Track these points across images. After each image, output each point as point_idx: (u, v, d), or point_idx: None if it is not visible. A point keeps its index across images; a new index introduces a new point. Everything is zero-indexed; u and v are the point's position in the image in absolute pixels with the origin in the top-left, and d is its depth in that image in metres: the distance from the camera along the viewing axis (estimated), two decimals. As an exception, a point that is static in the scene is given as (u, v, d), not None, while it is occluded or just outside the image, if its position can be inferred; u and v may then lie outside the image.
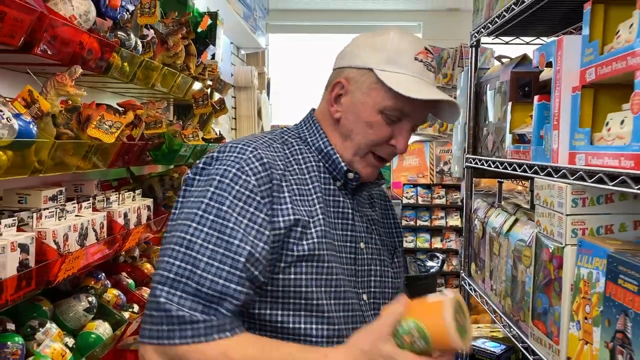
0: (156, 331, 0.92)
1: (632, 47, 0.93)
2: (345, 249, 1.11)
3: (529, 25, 1.84)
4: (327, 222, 1.07)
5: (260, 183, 1.00)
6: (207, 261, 0.94)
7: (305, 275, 1.01)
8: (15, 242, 1.21)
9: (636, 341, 0.86)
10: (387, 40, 1.10)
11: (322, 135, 1.14)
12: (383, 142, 1.11)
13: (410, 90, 1.06)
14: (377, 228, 1.22)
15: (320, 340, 1.02)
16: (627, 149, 0.93)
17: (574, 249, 1.14)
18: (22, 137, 1.20)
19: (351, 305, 1.08)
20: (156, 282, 0.95)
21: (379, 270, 1.17)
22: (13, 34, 1.17)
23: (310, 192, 1.08)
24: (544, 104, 1.34)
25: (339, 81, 1.12)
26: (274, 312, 1.01)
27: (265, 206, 1.00)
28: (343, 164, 1.12)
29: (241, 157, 1.02)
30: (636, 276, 0.87)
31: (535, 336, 1.31)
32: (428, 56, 1.12)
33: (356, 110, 1.10)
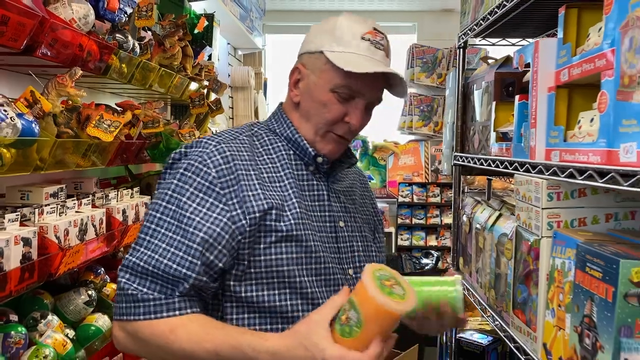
0: (118, 308, 1.04)
1: (599, 49, 0.99)
2: (325, 229, 1.17)
3: (514, 28, 1.91)
4: (303, 205, 1.13)
5: (220, 175, 1.06)
6: (164, 247, 1.03)
7: (285, 255, 1.07)
8: (19, 235, 1.27)
9: (600, 324, 0.92)
10: (336, 23, 1.17)
11: (289, 124, 1.20)
12: (338, 120, 1.16)
13: (353, 66, 1.10)
14: (356, 207, 1.28)
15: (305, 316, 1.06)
16: (594, 146, 0.99)
17: (549, 240, 1.20)
18: (25, 136, 1.26)
19: (336, 280, 1.14)
20: (122, 266, 1.05)
21: (362, 246, 1.23)
22: (16, 38, 1.23)
23: (282, 179, 1.14)
24: (524, 103, 1.40)
25: (296, 67, 1.20)
26: (260, 292, 1.07)
27: (226, 196, 1.05)
28: (311, 150, 1.17)
29: (204, 151, 1.09)
30: (600, 264, 0.93)
31: (515, 325, 1.37)
32: (376, 35, 1.17)
33: (311, 91, 1.16)
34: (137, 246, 1.06)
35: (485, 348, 1.93)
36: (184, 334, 1.00)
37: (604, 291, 0.92)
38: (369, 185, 1.43)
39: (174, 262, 1.02)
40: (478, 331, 2.07)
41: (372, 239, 1.29)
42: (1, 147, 1.17)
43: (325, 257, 1.13)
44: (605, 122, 0.95)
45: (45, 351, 1.40)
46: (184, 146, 1.13)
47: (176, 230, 1.04)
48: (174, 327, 1.01)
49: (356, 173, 1.39)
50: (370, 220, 1.33)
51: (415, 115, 5.31)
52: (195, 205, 1.04)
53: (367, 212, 1.33)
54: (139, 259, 1.03)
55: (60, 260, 1.42)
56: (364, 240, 1.25)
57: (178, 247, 1.03)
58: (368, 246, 1.25)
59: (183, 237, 1.03)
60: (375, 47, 1.16)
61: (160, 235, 1.04)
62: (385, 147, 5.42)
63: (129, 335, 1.04)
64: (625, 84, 0.89)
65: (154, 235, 1.05)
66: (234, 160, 1.09)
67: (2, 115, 1.16)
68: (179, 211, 1.05)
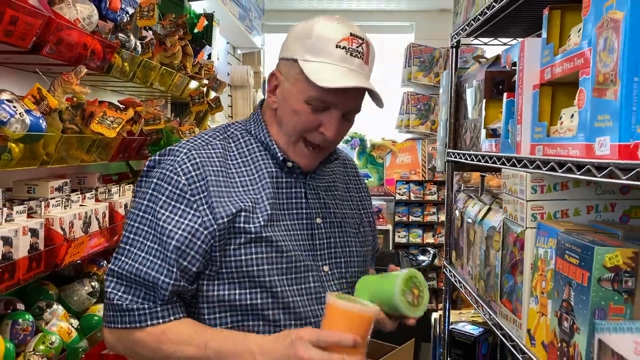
0: (106, 316, 1.10)
1: (578, 49, 1.05)
2: (301, 226, 1.18)
3: (505, 28, 1.96)
4: (275, 205, 1.15)
5: (190, 182, 1.09)
6: (143, 255, 1.08)
7: (255, 256, 1.10)
8: (27, 226, 1.33)
9: (577, 307, 0.98)
10: (310, 29, 1.12)
11: (263, 127, 1.21)
12: (312, 129, 1.15)
13: (325, 80, 1.08)
14: (338, 202, 1.28)
15: (277, 313, 1.12)
16: (574, 140, 1.05)
17: (533, 231, 1.26)
18: (33, 131, 1.31)
19: (308, 277, 1.16)
20: (107, 274, 1.11)
21: (340, 242, 1.24)
22: (24, 37, 1.28)
23: (256, 180, 1.15)
24: (511, 101, 1.45)
25: (274, 72, 1.18)
26: (232, 292, 1.11)
27: (196, 202, 1.09)
28: (280, 154, 1.18)
29: (174, 159, 1.12)
30: (578, 251, 0.99)
31: (502, 313, 1.43)
32: (352, 42, 1.12)
33: (286, 99, 1.15)
34: (119, 255, 1.11)
35: (477, 338, 1.98)
36: (174, 335, 1.06)
37: (580, 276, 0.97)
38: (358, 175, 1.42)
39: (152, 270, 1.07)
40: (470, 323, 2.12)
41: (355, 233, 1.29)
42: (10, 142, 1.23)
43: (296, 256, 1.14)
44: (583, 118, 1.00)
45: (51, 338, 1.45)
46: (158, 154, 1.17)
47: (153, 239, 1.08)
48: (164, 330, 1.07)
49: (343, 165, 1.39)
50: (356, 214, 1.33)
51: (412, 114, 5.37)
52: (168, 213, 1.08)
53: (351, 206, 1.33)
54: (120, 267, 1.09)
55: (66, 251, 1.47)
56: (344, 236, 1.25)
57: (155, 255, 1.08)
58: (348, 241, 1.26)
59: (159, 246, 1.08)
60: (351, 56, 1.11)
61: (139, 244, 1.09)
62: (383, 146, 5.48)
63: (119, 341, 1.10)
64: (600, 81, 0.95)
65: (133, 244, 1.10)
66: (204, 166, 1.11)
67: (12, 111, 1.21)
68: (154, 220, 1.09)
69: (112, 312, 1.08)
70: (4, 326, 1.42)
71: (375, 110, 1.29)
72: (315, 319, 1.15)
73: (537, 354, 1.19)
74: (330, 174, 1.32)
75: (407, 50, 5.36)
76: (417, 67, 5.30)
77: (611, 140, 0.90)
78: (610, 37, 0.92)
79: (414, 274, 1.20)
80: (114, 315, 1.08)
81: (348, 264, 1.25)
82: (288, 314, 1.12)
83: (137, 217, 1.11)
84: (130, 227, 1.11)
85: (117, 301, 1.07)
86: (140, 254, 1.09)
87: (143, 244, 1.09)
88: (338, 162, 1.37)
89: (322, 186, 1.26)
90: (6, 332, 1.41)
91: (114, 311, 1.08)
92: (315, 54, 1.11)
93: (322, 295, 1.17)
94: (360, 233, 1.32)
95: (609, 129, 0.91)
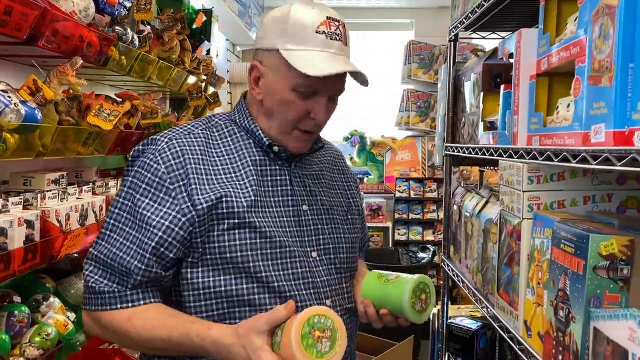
0: (85, 298, 1.13)
1: (574, 37, 1.04)
2: (287, 213, 1.18)
3: (503, 21, 1.95)
4: (260, 192, 1.15)
5: (170, 170, 1.11)
6: (121, 241, 1.10)
7: (238, 242, 1.10)
8: (22, 217, 1.33)
9: (572, 296, 0.97)
10: (287, 17, 1.12)
11: (247, 114, 1.22)
12: (304, 117, 1.16)
13: (311, 67, 1.08)
14: (325, 190, 1.29)
15: (263, 298, 1.11)
16: (569, 129, 1.04)
17: (529, 222, 1.25)
18: (28, 122, 1.31)
19: (295, 263, 1.16)
20: (86, 257, 1.13)
21: (329, 228, 1.24)
22: (19, 28, 1.28)
23: (239, 167, 1.16)
24: (508, 93, 1.45)
25: (254, 64, 1.17)
26: (216, 278, 1.11)
27: (175, 190, 1.10)
28: (265, 139, 1.19)
29: (156, 148, 1.14)
30: (573, 240, 0.99)
31: (499, 305, 1.43)
32: (331, 25, 1.13)
33: (272, 90, 1.15)
34: (99, 240, 1.13)
35: (475, 332, 1.98)
36: (139, 322, 1.07)
37: (575, 265, 0.97)
38: (345, 164, 1.43)
39: (127, 255, 1.08)
40: (468, 317, 2.12)
41: (342, 220, 1.29)
42: (5, 132, 1.22)
43: (282, 242, 1.14)
44: (579, 107, 1.00)
45: (47, 330, 1.45)
46: (141, 143, 1.18)
47: (131, 225, 1.10)
48: (131, 315, 1.08)
49: (330, 155, 1.39)
50: (343, 202, 1.34)
51: (412, 111, 5.36)
52: (148, 200, 1.10)
53: (338, 195, 1.33)
54: (99, 252, 1.11)
55: (62, 243, 1.47)
56: (331, 223, 1.26)
57: (132, 241, 1.09)
58: (336, 228, 1.26)
59: (136, 232, 1.09)
60: (331, 39, 1.12)
61: (118, 230, 1.11)
62: (383, 143, 5.47)
63: (94, 322, 1.13)
64: (595, 69, 0.94)
65: (113, 229, 1.12)
66: (184, 155, 1.12)
67: (6, 101, 1.21)
68: (134, 207, 1.11)
69: (87, 295, 1.11)
70: (0, 318, 1.42)
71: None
72: (302, 303, 1.14)
73: (533, 344, 1.19)
74: (317, 162, 1.32)
75: (406, 47, 5.35)
76: (417, 64, 5.29)
77: (606, 127, 0.89)
78: (605, 24, 0.92)
79: (423, 279, 1.21)
80: (89, 298, 1.11)
81: (337, 250, 1.25)
82: (275, 297, 1.12)
83: (118, 204, 1.14)
84: (111, 213, 1.14)
85: (92, 284, 1.09)
86: (118, 239, 1.11)
87: (122, 229, 1.11)
88: (324, 151, 1.38)
89: (307, 174, 1.27)
90: (2, 324, 1.41)
91: (89, 293, 1.10)
92: (296, 42, 1.11)
93: (310, 280, 1.17)
94: (348, 220, 1.32)
95: (604, 116, 0.90)
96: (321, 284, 1.19)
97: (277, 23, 1.14)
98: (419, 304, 1.20)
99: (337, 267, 1.24)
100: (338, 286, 1.24)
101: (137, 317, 1.08)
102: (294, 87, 1.13)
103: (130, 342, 1.11)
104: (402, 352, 2.93)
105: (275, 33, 1.14)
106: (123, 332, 1.08)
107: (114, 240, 1.11)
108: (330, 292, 1.21)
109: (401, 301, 1.17)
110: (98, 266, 1.11)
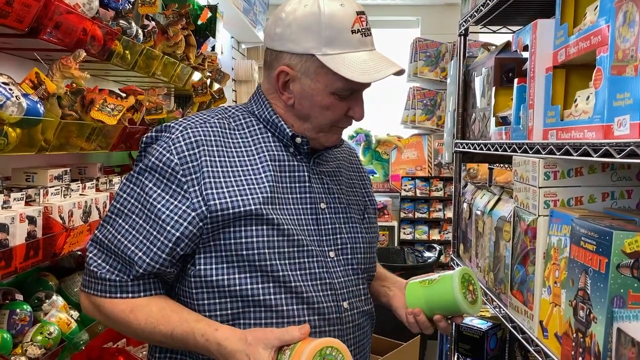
0: (84, 280, 1.11)
1: (594, 27, 1.00)
2: (305, 211, 1.15)
3: (515, 15, 1.92)
4: (277, 188, 1.11)
5: (183, 162, 1.06)
6: (127, 228, 1.07)
7: (255, 238, 1.06)
8: (24, 213, 1.30)
9: (594, 296, 0.93)
10: (319, 19, 1.07)
11: (268, 106, 1.17)
12: (342, 117, 1.15)
13: (358, 74, 1.07)
14: (343, 188, 1.25)
15: (278, 298, 1.07)
16: (589, 122, 1.00)
17: (546, 219, 1.21)
18: (30, 116, 1.28)
19: (313, 263, 1.12)
20: (91, 239, 1.11)
21: (346, 227, 1.20)
22: (21, 19, 1.25)
23: (256, 162, 1.12)
24: (522, 86, 1.41)
25: (282, 70, 1.12)
26: (230, 276, 1.06)
27: (187, 183, 1.06)
28: (288, 130, 1.15)
29: (170, 137, 1.09)
30: (595, 237, 0.95)
31: (513, 305, 1.39)
32: (362, 21, 1.11)
33: (308, 96, 1.12)
34: (105, 223, 1.10)
35: (485, 333, 1.94)
36: (142, 316, 1.04)
37: (597, 263, 0.93)
38: (359, 161, 1.40)
39: (132, 245, 1.05)
40: (478, 317, 2.08)
41: (359, 219, 1.26)
42: (6, 125, 1.19)
43: (300, 240, 1.11)
44: (601, 98, 0.96)
45: (49, 328, 1.42)
46: (155, 129, 1.14)
47: (139, 214, 1.07)
48: (133, 308, 1.05)
49: (345, 152, 1.36)
50: (360, 201, 1.30)
51: (418, 109, 5.32)
52: (159, 191, 1.06)
53: (355, 193, 1.30)
54: (104, 236, 1.08)
55: (65, 240, 1.44)
56: (349, 222, 1.22)
57: (138, 231, 1.06)
58: (354, 227, 1.22)
59: (145, 222, 1.06)
60: (364, 37, 1.11)
61: (124, 216, 1.08)
62: (389, 141, 5.43)
63: (94, 307, 1.10)
64: (619, 58, 0.90)
65: (119, 214, 1.09)
66: (199, 147, 1.08)
67: (7, 94, 1.18)
68: (143, 195, 1.07)
69: (88, 277, 1.09)
70: (1, 316, 1.39)
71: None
72: (319, 304, 1.10)
73: (550, 345, 1.15)
74: (333, 159, 1.29)
75: (413, 44, 5.31)
76: (423, 61, 5.25)
77: (631, 118, 0.85)
78: (630, 11, 0.88)
79: (467, 270, 1.19)
80: (90, 281, 1.08)
81: (354, 250, 1.21)
82: (291, 299, 1.08)
83: (127, 189, 1.10)
84: (119, 197, 1.10)
85: (94, 268, 1.07)
86: (124, 225, 1.07)
87: (128, 216, 1.08)
88: (341, 148, 1.34)
89: (325, 171, 1.23)
90: (3, 322, 1.38)
91: (90, 277, 1.08)
92: (334, 45, 1.08)
93: (327, 281, 1.13)
94: (365, 219, 1.28)
95: (629, 107, 0.86)
96: (338, 286, 1.15)
97: (307, 24, 1.08)
98: (469, 295, 1.18)
99: (355, 268, 1.20)
100: (355, 288, 1.20)
101: (139, 310, 1.05)
102: (334, 91, 1.11)
103: (131, 333, 1.08)
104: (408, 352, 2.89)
105: (308, 36, 1.09)
106: (124, 323, 1.06)
107: (119, 227, 1.08)
108: (347, 294, 1.17)
109: (453, 295, 1.15)
110: (102, 250, 1.08)
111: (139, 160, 1.13)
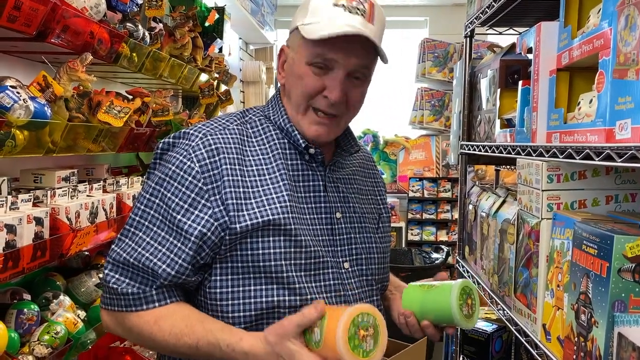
0: (104, 298, 1.07)
1: (597, 30, 1.00)
2: (320, 221, 1.13)
3: (520, 16, 1.91)
4: (294, 197, 1.09)
5: (204, 170, 1.04)
6: (148, 241, 1.04)
7: (272, 250, 1.05)
8: (31, 215, 1.31)
9: (595, 300, 0.93)
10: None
11: (283, 111, 1.16)
12: (316, 94, 1.10)
13: (319, 32, 1.04)
14: (357, 196, 1.23)
15: (293, 310, 1.04)
16: (592, 125, 1.00)
17: (549, 222, 1.21)
18: (38, 118, 1.29)
19: (328, 275, 1.11)
20: (108, 256, 1.08)
21: (361, 237, 1.19)
22: (29, 23, 1.27)
23: (273, 170, 1.10)
24: (527, 89, 1.40)
25: (282, 48, 1.17)
26: (246, 288, 1.05)
27: (208, 192, 1.04)
28: (302, 141, 1.13)
29: (189, 144, 1.07)
30: (596, 241, 0.95)
31: (516, 308, 1.38)
32: (352, 1, 1.07)
33: (291, 68, 1.13)
34: (123, 237, 1.07)
35: (490, 335, 1.94)
36: (167, 326, 1.02)
37: (598, 267, 0.93)
38: (374, 167, 1.37)
39: (154, 257, 1.02)
40: (483, 319, 2.08)
41: (374, 229, 1.24)
42: (14, 128, 1.21)
43: (316, 251, 1.09)
44: (603, 101, 0.96)
45: (56, 328, 1.44)
46: (172, 136, 1.12)
47: (160, 225, 1.04)
48: (157, 319, 1.03)
49: (362, 158, 1.33)
50: (374, 209, 1.28)
51: (426, 110, 5.31)
52: (178, 201, 1.04)
53: (370, 201, 1.27)
54: (123, 250, 1.05)
55: (72, 240, 1.46)
56: (363, 232, 1.20)
57: (160, 243, 1.03)
58: (368, 237, 1.21)
59: (166, 233, 1.04)
60: (350, 13, 1.06)
61: (144, 228, 1.05)
62: (396, 142, 5.43)
63: (116, 323, 1.07)
64: (621, 62, 0.90)
65: (138, 227, 1.06)
66: (219, 154, 1.06)
67: (15, 97, 1.20)
68: (163, 206, 1.05)
69: (108, 295, 1.06)
70: (9, 316, 1.41)
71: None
72: None
73: (553, 349, 1.14)
74: (350, 166, 1.26)
75: (421, 45, 5.30)
76: (431, 62, 5.23)
77: (633, 122, 0.85)
78: (632, 14, 0.88)
79: (468, 283, 1.18)
80: (111, 298, 1.06)
81: (368, 261, 1.19)
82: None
83: (145, 200, 1.07)
84: (137, 210, 1.07)
85: (113, 284, 1.04)
86: (145, 238, 1.05)
87: (149, 228, 1.05)
88: (357, 154, 1.31)
89: (341, 179, 1.21)
90: (11, 322, 1.40)
91: (110, 294, 1.05)
92: (314, 16, 1.08)
93: (342, 293, 1.12)
94: (379, 229, 1.26)
95: (630, 111, 0.86)
96: (352, 297, 1.14)
97: (304, 4, 1.13)
98: (466, 308, 1.15)
99: (369, 279, 1.19)
100: (369, 299, 1.19)
101: (163, 320, 1.03)
102: (307, 60, 1.09)
103: (155, 346, 1.06)
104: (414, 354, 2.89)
105: (299, 13, 1.13)
106: (147, 335, 1.03)
107: (139, 239, 1.05)
108: None
109: (449, 304, 1.12)
110: (120, 266, 1.04)
111: (153, 167, 1.11)
